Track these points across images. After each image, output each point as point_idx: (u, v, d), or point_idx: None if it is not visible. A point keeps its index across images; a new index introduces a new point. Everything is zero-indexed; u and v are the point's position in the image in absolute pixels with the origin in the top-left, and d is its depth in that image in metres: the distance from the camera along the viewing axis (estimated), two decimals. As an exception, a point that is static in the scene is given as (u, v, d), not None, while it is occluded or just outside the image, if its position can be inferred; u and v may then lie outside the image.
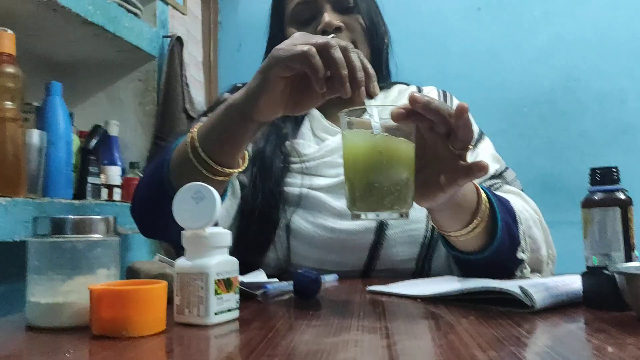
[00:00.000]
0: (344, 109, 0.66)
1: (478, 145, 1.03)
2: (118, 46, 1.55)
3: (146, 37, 1.63)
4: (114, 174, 1.55)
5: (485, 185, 0.95)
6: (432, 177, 0.68)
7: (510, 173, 1.02)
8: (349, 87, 0.65)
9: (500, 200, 0.82)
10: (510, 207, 0.84)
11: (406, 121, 0.64)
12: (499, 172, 1.00)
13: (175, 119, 1.70)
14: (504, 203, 0.83)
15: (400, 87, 1.13)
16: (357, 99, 0.66)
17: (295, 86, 0.71)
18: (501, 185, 0.97)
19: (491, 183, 0.97)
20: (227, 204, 0.95)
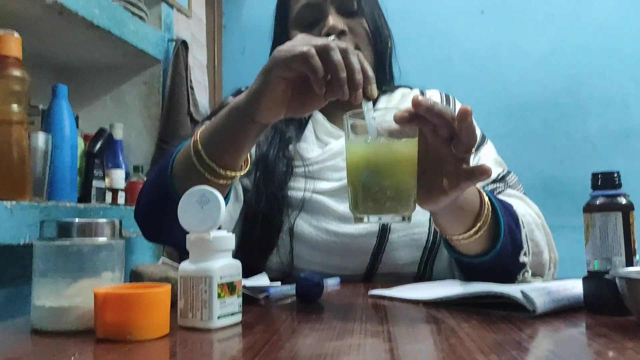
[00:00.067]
0: (347, 112, 0.67)
1: (480, 149, 1.04)
2: (123, 49, 1.56)
3: (151, 41, 1.64)
4: (118, 178, 1.55)
5: (488, 188, 0.95)
6: (434, 180, 0.68)
7: (513, 177, 1.02)
8: (347, 90, 0.66)
9: (503, 204, 0.83)
10: (513, 211, 0.84)
11: (409, 124, 0.64)
12: (502, 176, 1.00)
13: (179, 122, 1.71)
14: (507, 207, 0.83)
15: (403, 91, 1.13)
16: (354, 101, 0.66)
17: (298, 88, 0.72)
18: (504, 189, 0.98)
19: (494, 187, 0.98)
20: (230, 208, 0.95)
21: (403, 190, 0.64)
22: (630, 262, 0.61)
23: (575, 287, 0.64)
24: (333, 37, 0.72)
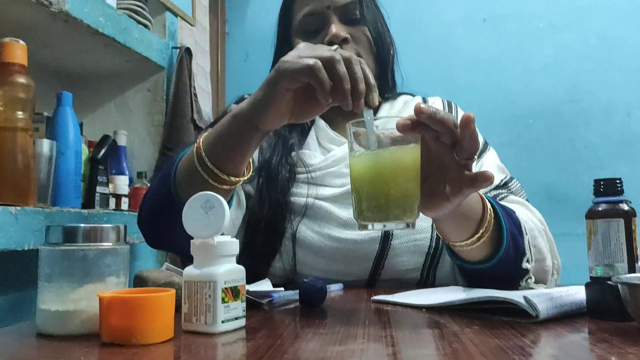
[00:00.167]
0: (350, 119, 0.68)
1: (483, 156, 1.04)
2: (128, 57, 1.57)
3: (155, 48, 1.65)
4: (121, 184, 1.56)
5: (491, 195, 0.96)
6: (437, 187, 0.68)
7: (515, 183, 1.02)
8: (350, 101, 0.67)
9: (506, 210, 0.83)
10: (516, 217, 0.84)
11: (412, 132, 0.65)
12: (504, 182, 1.00)
13: (183, 129, 1.72)
14: (509, 213, 0.84)
15: (405, 98, 1.14)
16: (357, 110, 0.67)
17: (299, 97, 0.73)
18: (506, 196, 0.98)
19: (496, 193, 0.98)
20: (232, 214, 0.96)
21: (406, 198, 0.64)
22: (632, 268, 0.61)
23: (578, 293, 0.64)
24: (336, 46, 0.72)
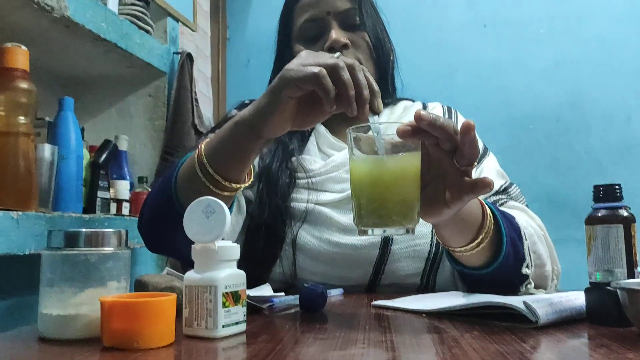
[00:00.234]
0: (350, 124, 0.68)
1: (482, 161, 1.04)
2: (129, 62, 1.58)
3: (157, 54, 1.66)
4: (122, 189, 1.56)
5: (490, 200, 0.96)
6: (437, 193, 0.68)
7: (515, 189, 1.02)
8: (355, 107, 0.67)
9: (505, 216, 0.83)
10: (515, 223, 0.85)
11: (412, 138, 0.65)
12: (504, 188, 1.01)
13: (184, 134, 1.72)
14: (509, 219, 0.84)
15: (405, 104, 1.14)
16: (361, 116, 0.67)
17: (302, 103, 0.73)
18: (506, 201, 0.98)
19: (496, 199, 0.98)
20: (232, 219, 0.96)
21: (406, 203, 0.65)
22: (631, 274, 0.61)
23: (577, 299, 0.64)
24: (338, 53, 0.73)
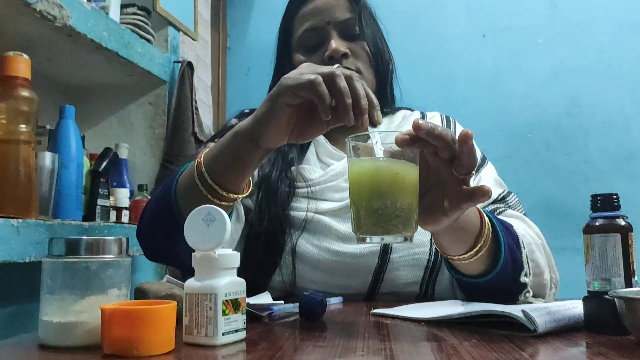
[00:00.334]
0: (349, 134, 0.68)
1: (481, 170, 1.05)
2: (130, 71, 1.59)
3: (158, 62, 1.67)
4: (122, 196, 1.56)
5: (489, 209, 0.96)
6: (435, 201, 0.69)
7: (513, 197, 1.03)
8: (352, 116, 0.67)
9: (503, 224, 0.83)
10: (513, 231, 0.85)
11: (410, 147, 0.65)
12: (502, 196, 1.01)
13: (184, 142, 1.73)
14: (507, 227, 0.84)
15: (404, 113, 1.15)
16: (360, 127, 0.68)
17: (301, 116, 0.74)
18: (504, 209, 0.98)
19: (494, 207, 0.99)
20: (231, 229, 0.96)
21: (405, 212, 0.65)
22: (629, 283, 0.61)
23: (575, 307, 0.65)
24: (337, 65, 0.74)
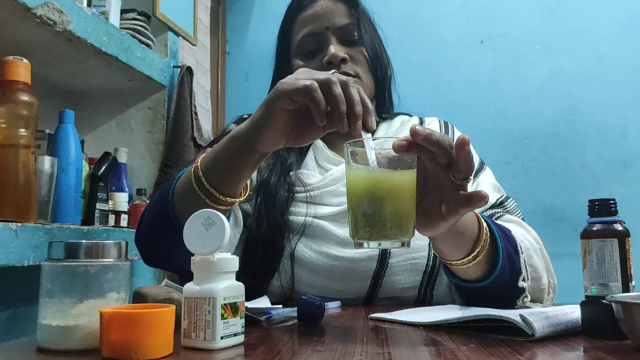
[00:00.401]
0: (347, 139, 0.69)
1: (479, 175, 1.05)
2: (130, 76, 1.59)
3: (157, 67, 1.67)
4: (121, 201, 1.56)
5: (486, 214, 0.97)
6: (433, 206, 0.69)
7: (511, 202, 1.03)
8: (346, 123, 0.68)
9: (501, 229, 0.84)
10: (511, 236, 0.85)
11: (408, 152, 0.66)
12: (500, 201, 1.02)
13: (183, 146, 1.73)
14: (505, 232, 0.84)
15: (402, 118, 1.16)
16: (354, 133, 0.68)
17: (297, 121, 0.74)
18: (502, 214, 0.99)
19: (492, 212, 0.99)
20: (230, 233, 0.96)
21: (402, 217, 0.65)
22: (626, 288, 0.62)
23: (573, 312, 0.65)
24: (334, 71, 0.74)
